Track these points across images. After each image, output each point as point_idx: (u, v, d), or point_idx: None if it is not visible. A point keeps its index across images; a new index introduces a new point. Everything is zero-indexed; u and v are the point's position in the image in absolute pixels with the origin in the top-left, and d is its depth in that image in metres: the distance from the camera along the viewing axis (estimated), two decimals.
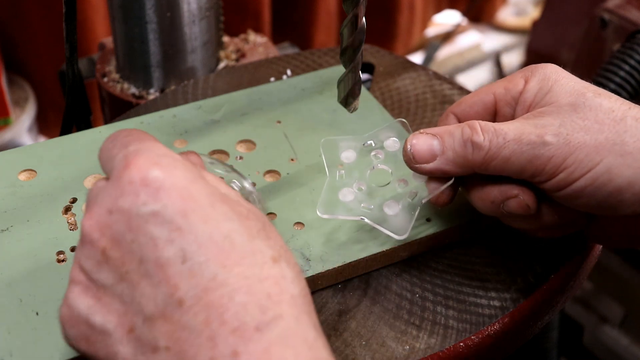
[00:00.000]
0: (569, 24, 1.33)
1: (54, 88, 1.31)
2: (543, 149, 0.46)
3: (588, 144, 0.45)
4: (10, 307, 0.47)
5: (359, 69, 0.53)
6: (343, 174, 0.53)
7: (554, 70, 0.50)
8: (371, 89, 0.69)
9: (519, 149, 0.46)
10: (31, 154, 0.58)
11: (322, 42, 1.55)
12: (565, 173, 0.46)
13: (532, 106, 0.49)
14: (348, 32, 0.51)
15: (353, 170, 0.53)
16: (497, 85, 0.52)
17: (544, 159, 0.46)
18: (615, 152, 0.45)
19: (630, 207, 0.46)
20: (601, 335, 1.18)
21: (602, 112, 0.46)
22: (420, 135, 0.49)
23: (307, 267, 0.50)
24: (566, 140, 0.46)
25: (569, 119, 0.46)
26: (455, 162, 0.48)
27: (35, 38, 1.30)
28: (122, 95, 0.78)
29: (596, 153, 0.45)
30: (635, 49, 0.93)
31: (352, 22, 0.51)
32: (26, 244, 0.51)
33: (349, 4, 0.51)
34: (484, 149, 0.47)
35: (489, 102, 0.52)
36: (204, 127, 0.61)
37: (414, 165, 0.49)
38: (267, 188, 0.56)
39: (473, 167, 0.48)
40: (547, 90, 0.49)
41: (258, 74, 0.71)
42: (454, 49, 1.69)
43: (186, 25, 0.74)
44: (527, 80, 0.50)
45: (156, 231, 0.37)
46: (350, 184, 0.52)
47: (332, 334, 0.48)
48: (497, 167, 0.47)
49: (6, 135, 1.30)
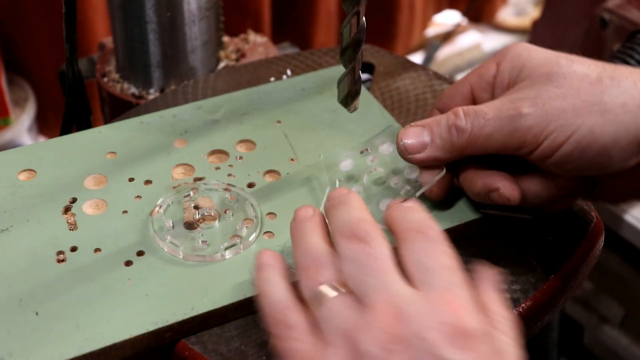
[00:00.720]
0: (569, 24, 1.32)
1: (54, 88, 1.31)
2: (521, 120, 0.47)
3: (566, 109, 0.46)
4: (10, 307, 0.47)
5: (359, 68, 0.53)
6: (342, 180, 0.55)
7: (524, 47, 0.51)
8: (371, 89, 0.69)
9: (499, 125, 0.48)
10: (31, 154, 0.58)
11: (322, 42, 1.55)
12: (548, 140, 0.47)
13: (510, 85, 0.51)
14: (348, 32, 0.51)
15: (351, 177, 0.56)
16: (471, 74, 0.54)
17: (523, 129, 0.47)
18: (595, 112, 0.46)
19: (621, 162, 0.47)
20: (601, 335, 1.18)
21: (577, 77, 0.47)
22: (411, 127, 0.52)
23: None
24: (543, 109, 0.47)
25: (544, 89, 0.48)
26: (444, 148, 0.50)
27: (35, 38, 1.30)
28: (122, 95, 0.77)
29: (576, 116, 0.46)
30: (636, 48, 0.93)
31: (352, 22, 0.51)
32: (26, 244, 0.51)
33: (349, 4, 0.50)
34: (466, 131, 0.49)
35: (466, 91, 0.54)
36: (204, 127, 0.61)
37: (407, 157, 0.52)
38: (267, 188, 0.56)
39: (461, 150, 0.50)
40: (520, 67, 0.50)
41: (258, 74, 0.71)
42: (454, 49, 1.68)
43: (186, 25, 0.74)
44: (499, 63, 0.52)
45: None
46: (349, 188, 0.53)
47: None
48: (482, 146, 0.49)
49: (6, 135, 1.30)
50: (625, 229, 1.08)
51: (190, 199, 0.54)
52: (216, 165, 0.58)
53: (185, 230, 0.53)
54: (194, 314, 0.47)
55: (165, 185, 0.56)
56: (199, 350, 0.47)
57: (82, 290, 0.48)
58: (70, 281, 0.49)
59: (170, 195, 0.55)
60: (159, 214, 0.53)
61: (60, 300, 0.48)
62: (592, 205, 0.57)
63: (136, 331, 0.46)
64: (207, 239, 0.52)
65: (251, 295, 0.48)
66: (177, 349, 0.48)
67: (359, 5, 0.50)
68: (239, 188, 0.56)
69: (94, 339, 0.45)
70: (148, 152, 0.59)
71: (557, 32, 1.36)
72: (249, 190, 0.56)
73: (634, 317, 1.14)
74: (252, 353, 0.47)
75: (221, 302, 0.48)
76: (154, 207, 0.54)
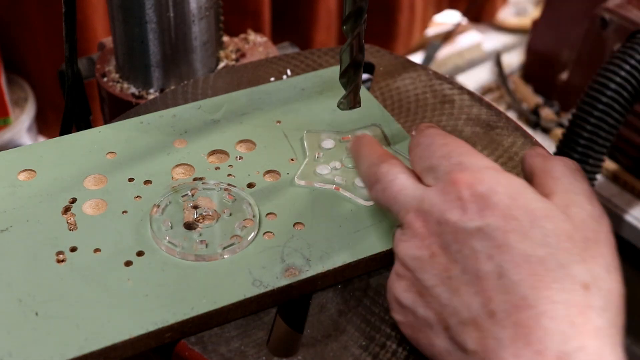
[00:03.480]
0: (569, 24, 1.32)
1: (54, 88, 1.31)
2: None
3: None
4: (10, 307, 0.47)
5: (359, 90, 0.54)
6: (322, 155, 0.58)
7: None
8: (371, 89, 0.69)
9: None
10: (31, 154, 0.58)
11: (322, 42, 1.55)
12: None
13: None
14: (348, 55, 0.52)
15: (331, 155, 0.59)
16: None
17: None
18: None
19: None
20: None
21: None
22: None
23: (307, 267, 0.50)
24: None
25: None
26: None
27: (35, 38, 1.30)
28: (121, 95, 0.77)
29: None
30: (636, 48, 0.93)
31: (353, 45, 0.51)
32: (26, 244, 0.51)
33: (349, 27, 0.50)
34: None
35: None
36: (204, 127, 0.61)
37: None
38: (267, 188, 0.56)
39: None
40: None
41: (258, 73, 0.71)
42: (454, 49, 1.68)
43: (186, 25, 0.74)
44: None
45: (479, 246, 0.41)
46: (327, 162, 0.58)
47: (332, 334, 0.48)
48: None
49: (6, 135, 1.30)
50: (625, 229, 1.08)
51: (190, 199, 0.54)
52: (216, 165, 0.58)
53: (184, 230, 0.52)
54: (194, 314, 0.47)
55: (165, 185, 0.56)
56: (198, 351, 0.47)
57: (82, 290, 0.48)
58: (70, 281, 0.49)
59: (169, 195, 0.55)
60: (158, 214, 0.53)
61: (60, 300, 0.48)
62: None
63: (136, 331, 0.46)
64: (207, 239, 0.52)
65: (251, 295, 0.48)
66: (177, 349, 0.48)
67: (360, 27, 0.51)
68: (238, 188, 0.56)
69: (94, 339, 0.45)
70: (148, 152, 0.59)
71: (557, 32, 1.36)
72: (249, 190, 0.56)
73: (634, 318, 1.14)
74: (252, 353, 0.47)
75: (221, 302, 0.48)
76: (153, 207, 0.54)
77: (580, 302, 0.39)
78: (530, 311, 0.39)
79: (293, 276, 0.50)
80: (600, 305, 0.39)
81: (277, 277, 0.50)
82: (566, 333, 0.38)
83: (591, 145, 0.94)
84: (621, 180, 1.12)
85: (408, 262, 0.45)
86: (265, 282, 0.49)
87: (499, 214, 0.41)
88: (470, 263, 0.41)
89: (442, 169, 0.45)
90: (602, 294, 0.40)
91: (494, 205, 0.41)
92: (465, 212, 0.42)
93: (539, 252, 0.40)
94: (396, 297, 0.46)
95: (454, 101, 0.67)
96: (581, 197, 0.43)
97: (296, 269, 0.50)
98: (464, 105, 0.66)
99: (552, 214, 0.41)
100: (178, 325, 0.47)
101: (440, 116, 0.65)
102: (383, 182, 0.48)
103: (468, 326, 0.41)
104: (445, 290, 0.42)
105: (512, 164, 0.61)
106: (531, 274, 0.39)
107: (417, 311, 0.44)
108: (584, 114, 0.93)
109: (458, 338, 0.41)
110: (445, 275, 0.42)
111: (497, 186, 0.42)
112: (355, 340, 0.48)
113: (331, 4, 1.52)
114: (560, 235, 0.41)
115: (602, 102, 0.91)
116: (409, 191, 0.46)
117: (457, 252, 0.42)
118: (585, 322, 0.38)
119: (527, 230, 0.40)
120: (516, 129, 0.64)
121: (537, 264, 0.39)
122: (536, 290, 0.39)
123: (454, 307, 0.42)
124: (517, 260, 0.40)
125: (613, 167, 1.13)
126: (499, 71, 1.51)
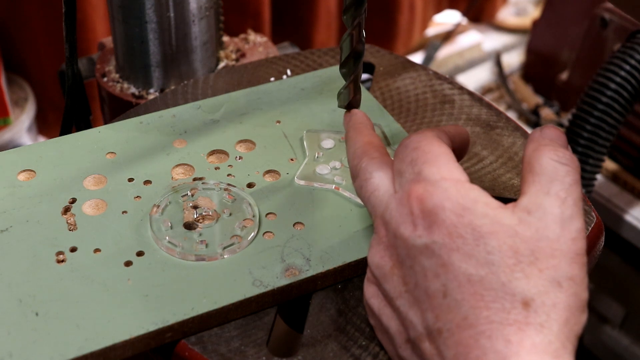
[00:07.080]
0: (569, 23, 1.33)
1: (54, 88, 1.31)
2: None
3: None
4: (10, 307, 0.47)
5: (360, 81, 0.54)
6: (322, 155, 0.59)
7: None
8: (371, 89, 0.69)
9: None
10: (30, 154, 0.58)
11: (322, 42, 1.55)
12: None
13: None
14: (348, 45, 0.51)
15: (330, 154, 0.59)
16: None
17: None
18: None
19: None
20: (601, 336, 1.18)
21: None
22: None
23: (307, 267, 0.50)
24: None
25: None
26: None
27: (35, 38, 1.30)
28: (121, 95, 0.77)
29: None
30: (636, 48, 0.93)
31: (353, 35, 0.51)
32: (26, 244, 0.51)
33: (349, 16, 0.50)
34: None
35: None
36: (204, 127, 0.61)
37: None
38: (267, 188, 0.56)
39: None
40: None
41: (258, 73, 0.71)
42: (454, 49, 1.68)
43: (186, 25, 0.74)
44: None
45: (427, 263, 0.41)
46: (327, 162, 0.58)
47: (332, 334, 0.48)
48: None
49: (5, 135, 1.30)
50: (625, 229, 1.08)
51: (189, 199, 0.54)
52: (216, 165, 0.58)
53: (184, 230, 0.52)
54: (194, 314, 0.47)
55: (165, 186, 0.56)
56: (198, 351, 0.47)
57: (82, 290, 0.48)
58: (70, 281, 0.49)
59: (169, 196, 0.55)
60: (158, 214, 0.53)
61: (60, 300, 0.48)
62: (592, 206, 0.57)
63: (136, 331, 0.46)
64: (207, 239, 0.52)
65: (251, 295, 0.48)
66: (177, 349, 0.48)
67: (361, 17, 0.50)
68: (238, 188, 0.56)
69: (94, 339, 0.45)
70: (148, 152, 0.59)
71: (557, 32, 1.36)
72: (249, 190, 0.56)
73: (634, 318, 1.14)
74: (252, 353, 0.47)
75: (221, 302, 0.48)
76: (153, 207, 0.54)
77: (518, 319, 0.38)
78: (471, 330, 0.38)
79: (293, 276, 0.50)
80: (539, 321, 0.38)
81: (277, 277, 0.50)
82: (502, 352, 0.37)
83: (591, 145, 0.94)
84: (621, 180, 1.12)
85: (374, 270, 0.45)
86: (265, 282, 0.49)
87: (445, 232, 0.40)
88: (420, 280, 0.41)
89: (405, 176, 0.44)
90: (545, 309, 0.39)
91: (441, 222, 0.41)
92: (416, 228, 0.42)
93: (481, 272, 0.39)
94: (366, 301, 0.46)
95: (454, 101, 0.67)
96: (552, 199, 0.41)
97: (296, 269, 0.50)
98: (464, 105, 0.66)
99: (497, 230, 0.40)
100: (178, 325, 0.47)
101: (440, 116, 0.65)
102: (360, 178, 0.47)
103: (423, 341, 0.41)
104: (403, 304, 0.42)
105: (512, 164, 0.61)
106: (472, 294, 0.39)
107: (381, 318, 0.45)
108: (584, 114, 0.93)
109: (418, 349, 0.42)
110: (404, 288, 0.42)
111: (445, 202, 0.41)
112: (355, 340, 0.48)
113: (331, 4, 1.52)
114: (504, 252, 0.39)
115: (602, 102, 0.91)
116: (380, 194, 0.45)
117: (410, 268, 0.42)
118: (522, 339, 0.38)
119: (471, 248, 0.40)
120: (516, 129, 0.64)
121: (478, 283, 0.39)
122: (477, 310, 0.39)
123: (410, 321, 0.42)
124: (460, 280, 0.39)
125: (613, 167, 1.13)
126: (499, 71, 1.51)
